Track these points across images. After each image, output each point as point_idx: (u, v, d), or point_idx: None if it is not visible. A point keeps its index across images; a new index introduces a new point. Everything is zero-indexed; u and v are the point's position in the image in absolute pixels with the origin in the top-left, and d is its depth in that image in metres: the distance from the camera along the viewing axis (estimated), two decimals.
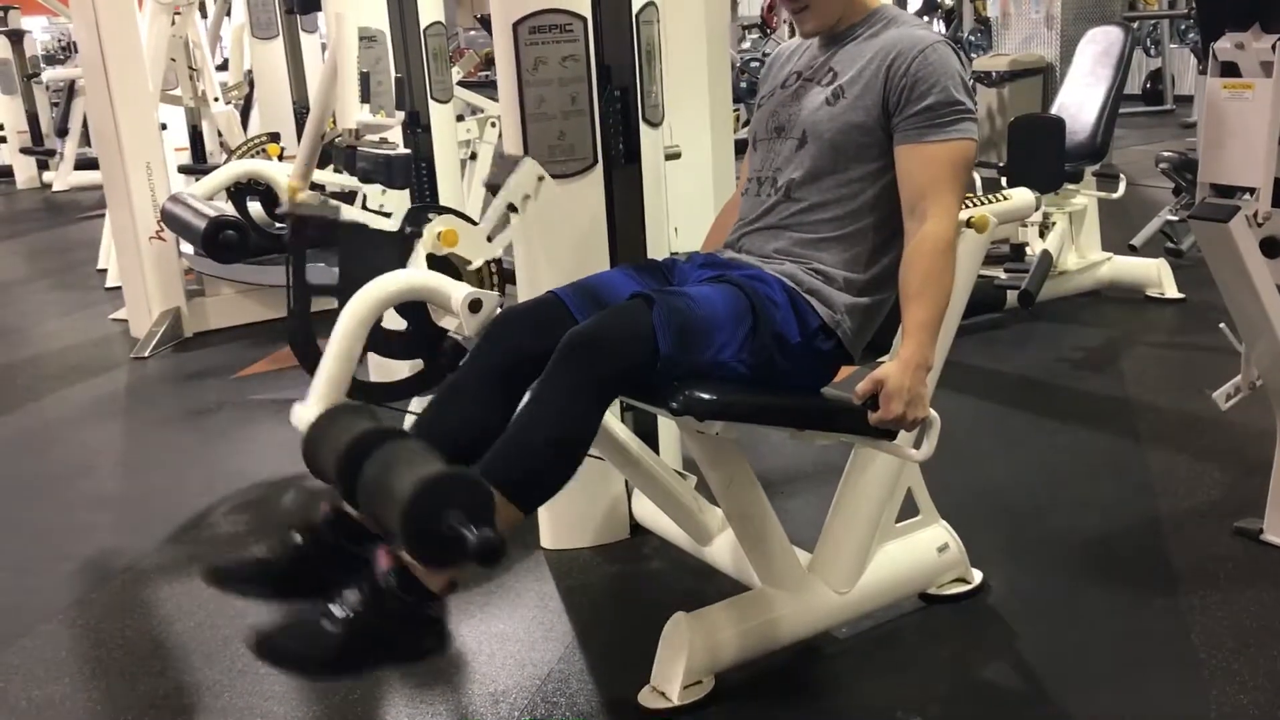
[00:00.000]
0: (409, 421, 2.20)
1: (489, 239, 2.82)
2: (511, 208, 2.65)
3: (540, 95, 2.61)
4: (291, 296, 3.15)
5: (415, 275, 2.56)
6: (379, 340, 2.63)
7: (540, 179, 2.58)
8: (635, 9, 2.69)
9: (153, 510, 3.32)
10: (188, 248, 5.11)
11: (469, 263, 2.83)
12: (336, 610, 1.78)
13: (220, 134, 7.33)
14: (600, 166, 2.67)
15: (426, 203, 2.97)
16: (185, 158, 7.28)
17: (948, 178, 2.03)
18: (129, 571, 2.93)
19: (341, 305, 2.54)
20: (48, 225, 8.95)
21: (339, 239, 3.09)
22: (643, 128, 2.75)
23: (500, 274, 2.90)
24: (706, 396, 1.88)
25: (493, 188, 2.66)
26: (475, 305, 2.23)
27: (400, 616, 1.80)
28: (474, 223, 2.87)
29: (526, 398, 1.96)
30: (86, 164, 9.87)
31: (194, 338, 5.10)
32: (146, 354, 4.85)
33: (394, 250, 2.79)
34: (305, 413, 2.21)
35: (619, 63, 2.68)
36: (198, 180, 5.39)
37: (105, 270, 6.41)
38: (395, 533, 1.71)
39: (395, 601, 1.78)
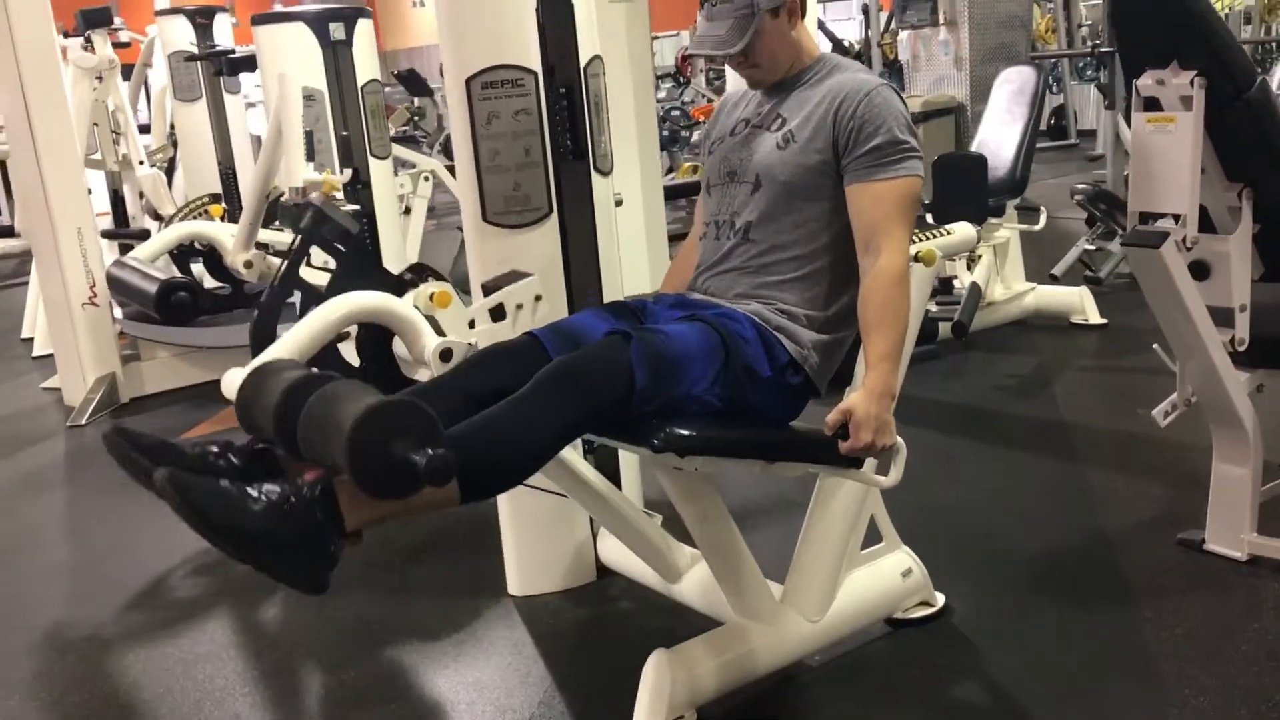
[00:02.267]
0: None
1: (470, 325, 2.72)
2: (499, 311, 2.50)
3: (494, 149, 2.67)
4: (273, 287, 3.26)
5: (394, 301, 2.55)
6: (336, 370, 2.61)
7: (537, 298, 2.46)
8: (582, 62, 2.76)
9: (107, 578, 3.27)
10: (119, 312, 5.05)
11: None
12: (252, 491, 1.69)
13: (143, 197, 7.26)
14: (555, 215, 2.73)
15: (428, 267, 3.11)
16: (107, 222, 7.19)
17: (898, 213, 2.13)
18: (90, 641, 2.88)
19: None
20: None
21: (344, 249, 3.18)
22: (594, 176, 2.82)
23: None
24: (687, 433, 1.93)
25: (488, 289, 2.54)
26: (446, 355, 2.27)
27: (305, 533, 1.70)
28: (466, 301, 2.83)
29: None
30: (1, 232, 9.66)
31: (131, 403, 5.01)
32: (84, 421, 4.77)
33: (389, 287, 2.83)
34: (236, 376, 2.09)
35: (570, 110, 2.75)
36: (121, 244, 5.33)
37: (31, 339, 6.29)
38: (341, 464, 1.64)
39: (308, 514, 1.70)
